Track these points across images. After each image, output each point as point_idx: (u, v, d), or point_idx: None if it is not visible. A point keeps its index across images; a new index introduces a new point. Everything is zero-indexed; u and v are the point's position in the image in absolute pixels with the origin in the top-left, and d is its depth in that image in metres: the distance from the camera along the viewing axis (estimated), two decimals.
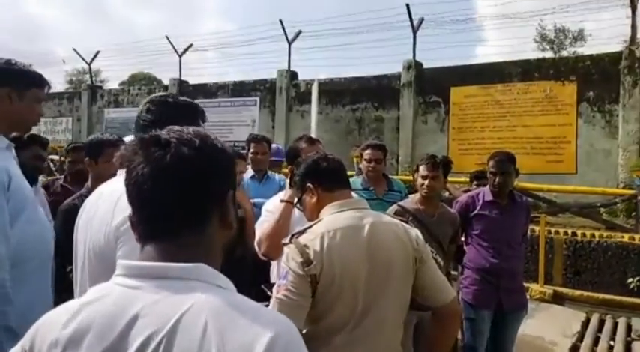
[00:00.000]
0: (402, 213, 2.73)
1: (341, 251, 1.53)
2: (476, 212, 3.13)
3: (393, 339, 1.61)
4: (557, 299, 6.01)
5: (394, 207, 2.91)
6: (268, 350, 0.69)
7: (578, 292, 6.08)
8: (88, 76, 16.71)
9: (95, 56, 14.93)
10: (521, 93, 8.98)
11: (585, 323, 5.15)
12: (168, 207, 0.78)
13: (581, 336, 4.82)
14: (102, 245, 1.25)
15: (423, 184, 2.89)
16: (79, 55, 14.88)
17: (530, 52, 18.91)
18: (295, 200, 2.06)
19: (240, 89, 12.47)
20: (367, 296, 1.54)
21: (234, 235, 0.90)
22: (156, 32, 35.46)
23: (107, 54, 15.02)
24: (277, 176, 3.88)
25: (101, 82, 19.89)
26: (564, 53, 19.72)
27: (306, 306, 1.53)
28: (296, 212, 2.06)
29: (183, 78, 13.79)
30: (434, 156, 3.00)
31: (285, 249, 1.58)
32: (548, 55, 18.52)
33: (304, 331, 1.59)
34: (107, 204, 1.27)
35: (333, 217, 1.62)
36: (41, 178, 3.13)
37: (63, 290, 2.31)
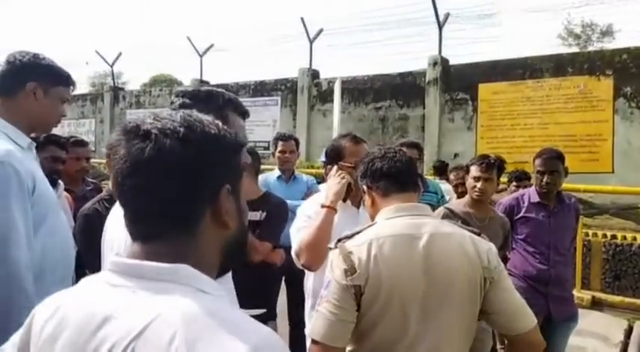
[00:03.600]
0: (451, 217, 2.52)
1: (390, 262, 1.32)
2: (521, 215, 2.91)
3: None
4: (596, 305, 5.75)
5: (441, 210, 2.70)
6: None
7: (618, 298, 5.79)
8: (109, 78, 16.81)
9: (117, 58, 15.01)
10: (553, 90, 8.61)
11: (628, 332, 4.89)
12: (149, 206, 0.71)
13: (625, 346, 4.56)
14: None
15: (474, 186, 2.69)
16: (102, 56, 14.97)
17: (554, 47, 18.40)
18: (338, 205, 1.90)
19: (261, 89, 12.35)
20: (422, 319, 1.32)
21: (243, 236, 0.79)
22: (177, 33, 35.72)
23: (128, 55, 15.08)
24: (305, 176, 3.72)
25: (123, 84, 20.05)
26: (591, 48, 19.13)
27: (350, 321, 1.34)
28: (336, 218, 1.87)
29: (204, 78, 13.76)
30: (487, 155, 2.80)
31: (330, 255, 1.39)
32: (574, 51, 17.94)
33: (348, 349, 1.39)
34: None
35: (386, 223, 1.42)
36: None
37: None
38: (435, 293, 1.33)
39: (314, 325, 1.37)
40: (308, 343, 1.43)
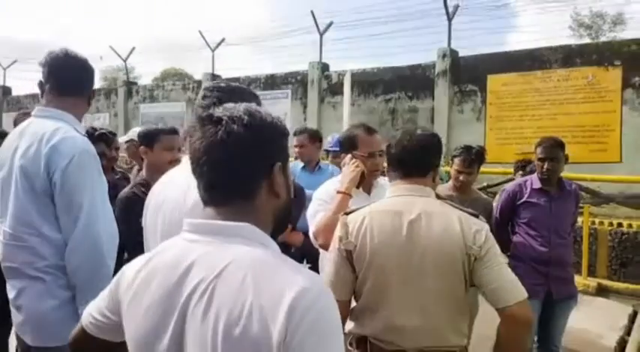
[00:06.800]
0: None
1: (376, 233, 1.54)
2: (523, 200, 3.07)
3: (444, 331, 1.54)
4: (602, 291, 5.83)
5: None
6: (296, 299, 0.76)
7: (623, 285, 5.88)
8: (121, 72, 17.04)
9: (130, 53, 15.21)
10: (561, 80, 8.67)
11: (632, 317, 4.98)
12: (221, 178, 0.89)
13: (628, 330, 4.67)
14: (175, 224, 1.28)
15: (457, 177, 3.11)
16: (115, 51, 15.19)
17: (565, 38, 18.21)
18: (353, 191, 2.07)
19: (272, 82, 12.51)
20: (403, 283, 1.52)
21: (288, 205, 0.98)
22: (187, 27, 35.90)
23: (140, 50, 15.26)
24: (330, 166, 3.87)
25: (134, 78, 20.27)
26: (603, 39, 18.93)
27: (346, 279, 1.60)
28: (350, 202, 2.04)
29: (215, 72, 13.92)
30: (470, 148, 3.06)
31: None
32: (586, 41, 17.76)
33: (354, 305, 1.65)
34: (179, 189, 1.33)
35: (385, 201, 1.65)
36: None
37: None
38: (414, 262, 1.50)
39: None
40: None
